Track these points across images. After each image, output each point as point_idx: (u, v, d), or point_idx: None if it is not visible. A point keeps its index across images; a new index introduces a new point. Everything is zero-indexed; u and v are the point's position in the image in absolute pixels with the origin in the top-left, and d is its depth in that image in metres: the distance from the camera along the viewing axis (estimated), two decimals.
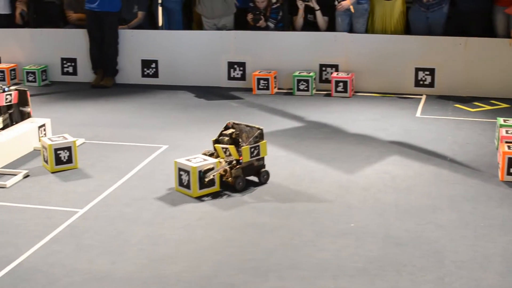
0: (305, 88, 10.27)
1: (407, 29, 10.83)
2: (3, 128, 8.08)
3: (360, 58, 10.45)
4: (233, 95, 10.29)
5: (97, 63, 11.21)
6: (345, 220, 5.92)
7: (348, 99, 9.93)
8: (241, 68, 10.82)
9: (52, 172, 7.20)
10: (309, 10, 10.83)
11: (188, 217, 6.03)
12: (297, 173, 7.07)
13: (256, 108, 9.53)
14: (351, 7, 10.47)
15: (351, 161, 7.39)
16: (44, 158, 7.38)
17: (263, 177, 6.78)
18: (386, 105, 9.70)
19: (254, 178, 6.81)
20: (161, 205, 6.30)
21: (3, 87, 8.17)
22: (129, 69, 11.29)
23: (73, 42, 11.54)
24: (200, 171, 6.40)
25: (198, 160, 6.54)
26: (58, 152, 7.22)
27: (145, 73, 11.26)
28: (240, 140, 6.70)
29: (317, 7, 10.65)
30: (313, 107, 9.54)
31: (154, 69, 11.21)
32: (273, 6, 10.91)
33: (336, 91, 10.16)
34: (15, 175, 7.10)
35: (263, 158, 6.78)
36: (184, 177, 6.48)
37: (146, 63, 11.24)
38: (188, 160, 6.55)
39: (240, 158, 6.62)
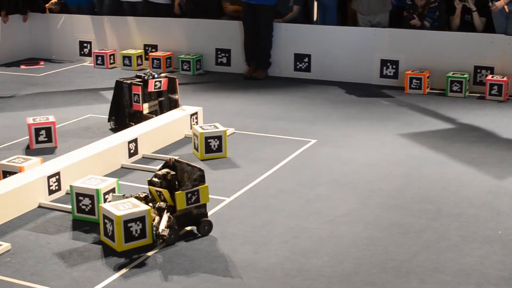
0: (458, 90, 10.05)
1: None
2: (151, 113, 8.32)
3: None
4: (384, 93, 10.20)
5: (250, 55, 11.34)
6: (492, 227, 5.77)
7: (502, 103, 9.65)
8: (394, 66, 10.69)
9: (202, 160, 7.35)
10: (466, 10, 10.59)
11: (333, 212, 6.03)
12: (446, 175, 6.93)
13: (406, 108, 9.40)
14: (506, 7, 10.15)
15: (501, 166, 7.18)
16: (194, 146, 7.54)
17: (203, 228, 5.65)
18: None
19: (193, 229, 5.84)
20: (307, 199, 6.32)
21: (153, 73, 8.41)
22: (281, 62, 11.37)
23: (228, 33, 11.73)
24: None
25: (126, 207, 5.48)
26: (209, 140, 7.36)
27: (298, 66, 11.31)
28: (177, 182, 5.77)
29: (473, 8, 10.39)
30: (465, 109, 9.33)
31: (306, 63, 11.24)
32: (431, 5, 10.73)
33: (490, 94, 9.88)
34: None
35: (204, 205, 5.69)
36: (109, 227, 5.51)
37: (299, 57, 11.28)
38: (114, 206, 5.47)
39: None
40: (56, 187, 6.43)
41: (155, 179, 5.71)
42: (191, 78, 11.33)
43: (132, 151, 7.33)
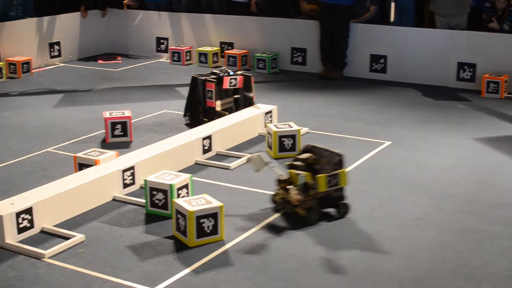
0: None
1: None
2: (226, 111, 8.35)
3: None
4: (460, 96, 10.06)
5: (326, 55, 11.31)
6: None
7: None
8: (471, 70, 10.54)
9: (275, 158, 7.36)
10: None
11: (407, 216, 5.98)
12: None
13: (483, 112, 9.26)
14: None
15: None
16: (268, 144, 7.55)
17: (341, 210, 5.97)
18: None
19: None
20: (380, 201, 6.27)
21: (228, 70, 8.44)
22: (357, 62, 11.31)
23: (304, 32, 11.71)
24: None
25: (199, 203, 5.57)
26: (283, 139, 7.36)
27: (373, 67, 11.23)
28: (318, 166, 6.00)
29: None
30: None
31: (382, 64, 11.15)
32: (511, 8, 10.54)
33: None
34: (240, 158, 7.33)
35: (342, 188, 5.99)
36: (181, 222, 5.61)
37: (375, 58, 11.21)
38: (187, 202, 5.56)
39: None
40: (131, 181, 6.51)
41: (297, 163, 5.98)
42: (266, 77, 11.35)
43: (206, 147, 7.37)
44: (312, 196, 5.82)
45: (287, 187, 5.91)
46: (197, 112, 8.44)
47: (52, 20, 12.47)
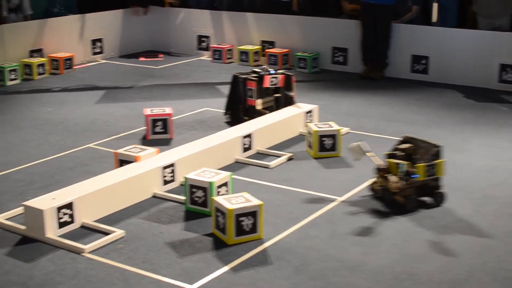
0: None
1: None
2: (267, 110, 8.36)
3: None
4: (503, 99, 9.95)
5: (367, 55, 11.26)
6: None
7: None
8: None
9: (315, 158, 7.35)
10: None
11: (446, 218, 5.94)
12: None
13: None
14: None
15: None
16: (308, 144, 7.55)
17: (437, 199, 6.19)
18: None
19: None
20: (420, 202, 6.23)
21: (269, 69, 8.44)
22: (398, 63, 11.25)
23: (345, 32, 11.68)
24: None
25: (239, 201, 5.58)
26: (323, 139, 7.35)
27: (415, 68, 11.16)
28: (416, 156, 6.23)
29: None
30: None
31: (424, 65, 11.08)
32: None
33: None
34: (279, 157, 7.33)
35: (438, 178, 6.19)
36: (220, 220, 5.63)
37: (416, 59, 11.14)
38: (227, 200, 5.58)
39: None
40: (171, 178, 6.54)
41: (396, 152, 6.27)
42: (307, 76, 11.34)
43: (246, 146, 7.39)
44: (411, 184, 6.05)
45: (386, 175, 6.20)
46: (238, 110, 8.46)
47: (94, 17, 12.58)
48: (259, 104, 8.37)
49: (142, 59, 12.74)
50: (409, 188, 6.06)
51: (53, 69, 11.52)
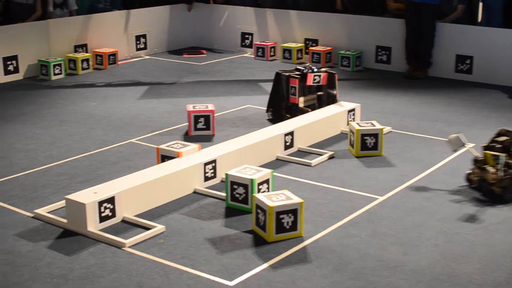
0: None
1: None
2: (309, 107, 8.34)
3: None
4: None
5: (411, 54, 11.19)
6: None
7: None
8: None
9: (356, 157, 7.33)
10: None
11: (488, 219, 5.88)
12: None
13: None
14: None
15: None
16: (350, 142, 7.52)
17: None
18: None
19: None
20: (461, 204, 6.19)
21: (312, 67, 8.43)
22: (442, 62, 11.16)
23: (389, 31, 11.62)
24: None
25: (279, 198, 5.56)
26: (365, 137, 7.32)
27: (459, 68, 11.06)
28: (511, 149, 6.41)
29: None
30: None
31: (468, 65, 10.98)
32: None
33: None
34: (321, 155, 7.32)
35: None
36: (261, 217, 5.62)
37: (460, 58, 11.04)
38: (268, 197, 5.56)
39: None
40: (212, 174, 6.56)
41: (493, 145, 6.45)
42: (350, 74, 11.30)
43: (288, 143, 7.38)
44: (508, 175, 6.19)
45: (483, 166, 6.33)
46: (280, 108, 8.45)
47: (139, 13, 12.65)
48: (301, 102, 8.36)
49: (185, 55, 12.79)
50: (506, 179, 6.20)
51: (97, 64, 11.61)
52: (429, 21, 10.98)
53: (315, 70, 8.37)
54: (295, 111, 8.24)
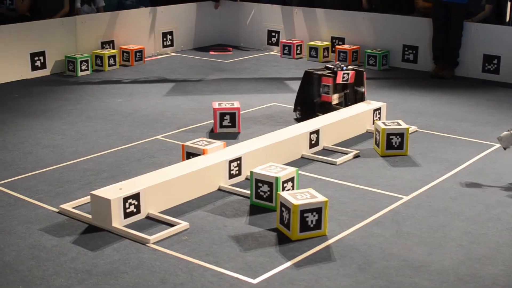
0: None
1: None
2: (337, 105, 8.33)
3: None
4: None
5: (438, 54, 11.14)
6: None
7: None
8: None
9: (382, 156, 7.30)
10: None
11: None
12: None
13: None
14: None
15: None
16: (375, 141, 7.50)
17: None
18: None
19: None
20: (487, 204, 6.15)
21: (342, 65, 8.41)
22: (470, 62, 11.10)
23: (416, 30, 11.56)
24: None
25: (304, 197, 5.55)
26: (391, 137, 7.29)
27: (486, 68, 11.00)
28: None
29: None
30: None
31: (495, 65, 10.91)
32: None
33: None
34: (346, 154, 7.30)
35: None
36: (285, 215, 5.60)
37: (488, 58, 10.97)
38: (292, 195, 5.56)
39: None
40: (237, 172, 6.57)
41: None
42: (377, 73, 11.27)
43: (313, 142, 7.37)
44: None
45: None
46: (310, 106, 8.41)
47: (166, 10, 12.68)
48: (335, 99, 8.33)
49: (212, 52, 12.81)
50: None
51: (124, 61, 11.65)
52: (456, 20, 10.91)
53: (344, 68, 8.35)
54: (327, 109, 8.20)
